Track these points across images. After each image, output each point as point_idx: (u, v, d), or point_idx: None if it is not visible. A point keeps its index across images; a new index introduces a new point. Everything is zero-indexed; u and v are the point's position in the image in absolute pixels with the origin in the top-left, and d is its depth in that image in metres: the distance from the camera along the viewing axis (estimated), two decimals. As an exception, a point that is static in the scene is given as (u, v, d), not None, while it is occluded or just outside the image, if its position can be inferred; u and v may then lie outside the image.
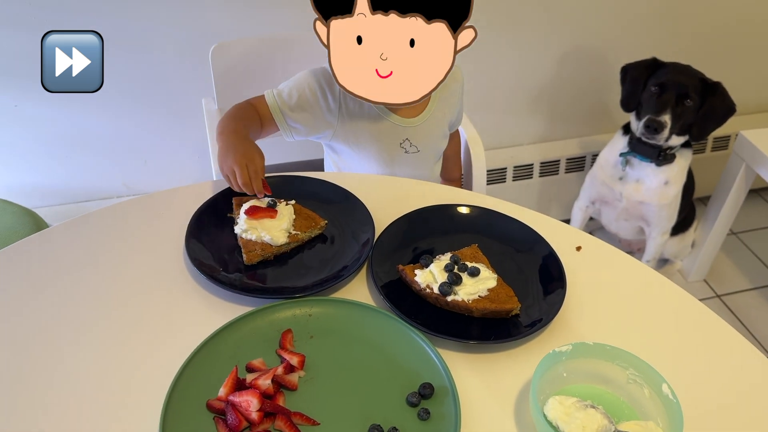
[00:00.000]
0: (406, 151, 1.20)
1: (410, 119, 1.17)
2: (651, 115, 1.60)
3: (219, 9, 1.53)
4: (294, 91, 1.12)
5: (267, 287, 0.92)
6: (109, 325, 0.86)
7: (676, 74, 1.62)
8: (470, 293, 0.89)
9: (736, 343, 0.87)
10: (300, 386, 0.79)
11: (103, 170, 1.75)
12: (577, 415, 0.74)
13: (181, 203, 1.04)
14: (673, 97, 1.60)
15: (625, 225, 1.88)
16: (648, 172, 1.72)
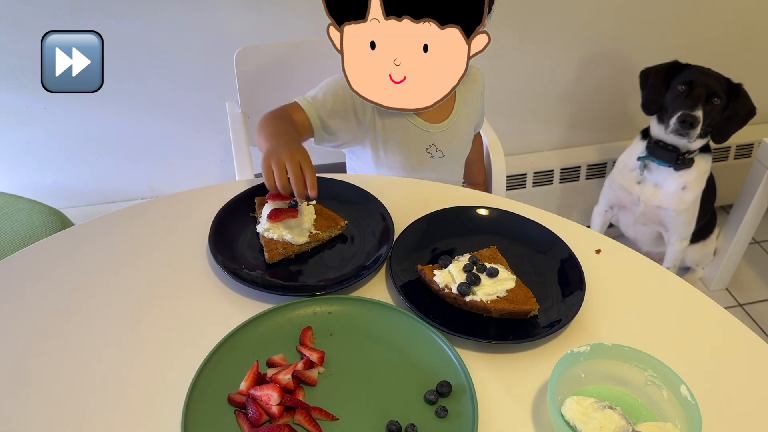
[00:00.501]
0: (432, 156, 1.21)
1: (437, 124, 1.18)
2: (685, 110, 1.58)
3: (244, 14, 1.56)
4: (329, 97, 1.12)
5: (288, 285, 0.93)
6: (132, 321, 0.88)
7: (702, 74, 1.62)
8: (489, 294, 0.89)
9: (757, 347, 0.87)
10: (319, 382, 0.80)
11: (128, 172, 1.79)
12: (594, 416, 0.74)
13: (204, 203, 1.06)
14: (703, 94, 1.58)
15: (643, 230, 1.87)
16: (666, 177, 1.72)
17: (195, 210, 1.06)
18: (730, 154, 2.14)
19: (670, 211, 1.74)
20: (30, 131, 1.64)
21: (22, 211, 1.34)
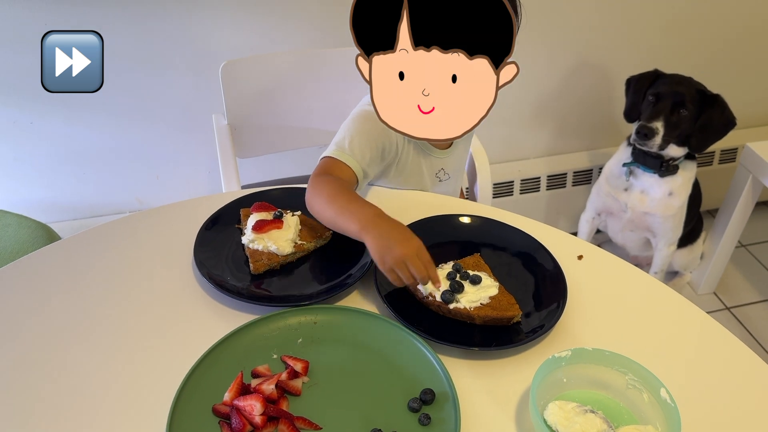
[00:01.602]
0: (440, 180, 1.22)
1: (446, 150, 1.20)
2: (643, 122, 1.64)
3: (230, 26, 1.57)
4: (364, 145, 1.08)
5: (273, 295, 0.94)
6: (118, 333, 0.89)
7: (673, 84, 1.64)
8: (472, 301, 0.90)
9: (737, 350, 0.88)
10: (303, 391, 0.80)
11: (116, 185, 1.79)
12: (576, 420, 0.75)
13: (190, 215, 1.06)
14: (668, 106, 1.62)
15: (631, 236, 1.89)
16: (652, 183, 1.74)
17: (181, 222, 1.06)
18: (714, 159, 2.17)
19: (657, 217, 1.76)
20: (17, 146, 1.64)
21: (10, 226, 1.34)
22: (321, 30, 1.61)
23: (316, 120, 1.47)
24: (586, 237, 1.95)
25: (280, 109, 1.43)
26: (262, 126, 1.44)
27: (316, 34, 1.62)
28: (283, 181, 1.50)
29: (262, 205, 1.03)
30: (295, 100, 1.42)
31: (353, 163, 1.05)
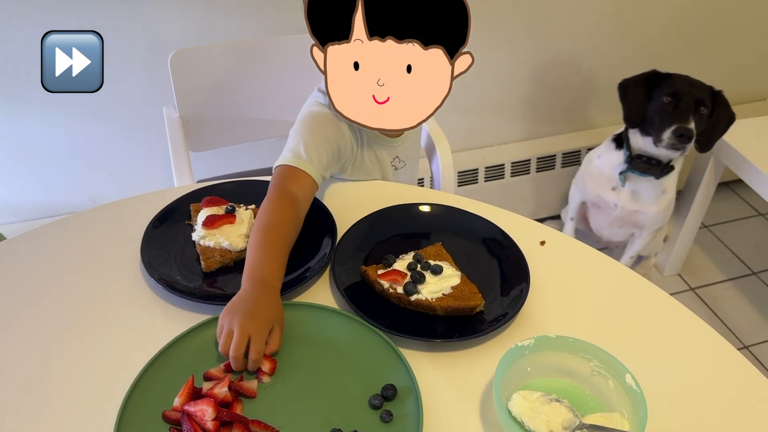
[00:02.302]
0: (396, 168, 1.20)
1: (398, 138, 1.18)
2: (679, 123, 1.53)
3: (179, 15, 1.51)
4: (321, 150, 1.02)
5: (228, 294, 0.89)
6: (61, 337, 0.84)
7: (686, 83, 1.58)
8: (434, 291, 0.87)
9: (702, 331, 0.87)
10: (259, 393, 0.77)
11: (68, 185, 1.72)
12: (541, 410, 0.73)
13: (140, 211, 1.02)
14: (691, 104, 1.54)
15: (618, 232, 1.86)
16: (646, 185, 1.69)
17: (130, 219, 1.01)
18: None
19: (649, 213, 1.73)
20: (-40, 146, 1.57)
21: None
22: (274, 17, 1.56)
23: (272, 111, 1.42)
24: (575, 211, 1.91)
25: (234, 100, 1.38)
26: (215, 118, 1.39)
27: (269, 22, 1.57)
28: (241, 174, 1.46)
29: (213, 200, 0.98)
30: (248, 91, 1.37)
31: (312, 170, 0.99)
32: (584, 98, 2.04)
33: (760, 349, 1.84)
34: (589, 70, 1.97)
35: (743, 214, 2.31)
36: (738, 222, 2.28)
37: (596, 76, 1.98)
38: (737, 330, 1.89)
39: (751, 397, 0.79)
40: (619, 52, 1.89)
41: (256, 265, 0.87)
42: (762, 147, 1.74)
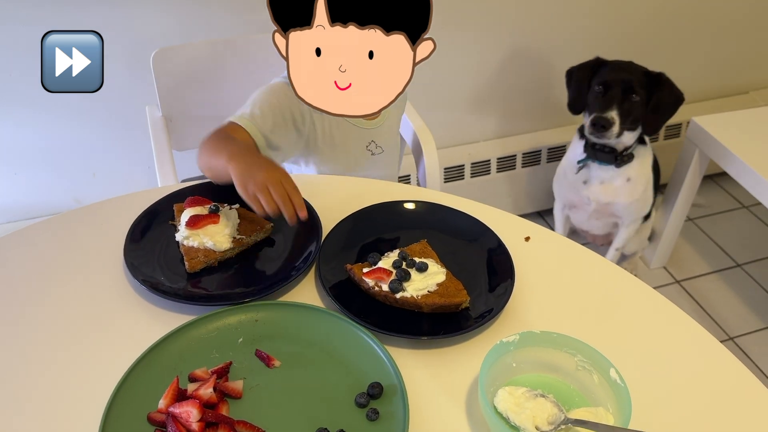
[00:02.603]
0: (373, 154, 1.20)
1: (373, 121, 1.18)
2: (597, 113, 1.59)
3: (161, 13, 1.50)
4: (267, 112, 1.08)
5: (212, 294, 0.89)
6: (45, 339, 0.84)
7: (618, 71, 1.61)
8: (419, 289, 0.87)
9: (686, 325, 0.87)
10: (245, 393, 0.76)
11: (51, 185, 1.71)
12: (527, 405, 0.73)
13: (124, 212, 1.01)
14: (618, 94, 1.58)
15: (597, 224, 1.88)
16: (610, 174, 1.71)
17: (113, 220, 1.00)
18: (660, 135, 2.19)
19: (620, 204, 1.75)
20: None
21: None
22: (255, 15, 1.55)
23: (256, 108, 1.41)
24: (562, 227, 1.94)
25: (217, 97, 1.37)
26: (199, 116, 1.38)
27: (250, 19, 1.56)
28: (226, 173, 1.45)
29: (196, 200, 0.98)
30: (231, 88, 1.36)
31: (252, 127, 1.06)
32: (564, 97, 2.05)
33: (745, 340, 1.86)
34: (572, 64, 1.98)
35: (728, 207, 2.33)
36: (723, 214, 2.30)
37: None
38: (722, 322, 1.91)
39: (734, 390, 0.80)
40: (601, 45, 1.89)
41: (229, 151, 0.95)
42: (746, 139, 1.75)
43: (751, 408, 0.78)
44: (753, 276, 2.06)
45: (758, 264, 2.10)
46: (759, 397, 0.79)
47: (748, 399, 0.79)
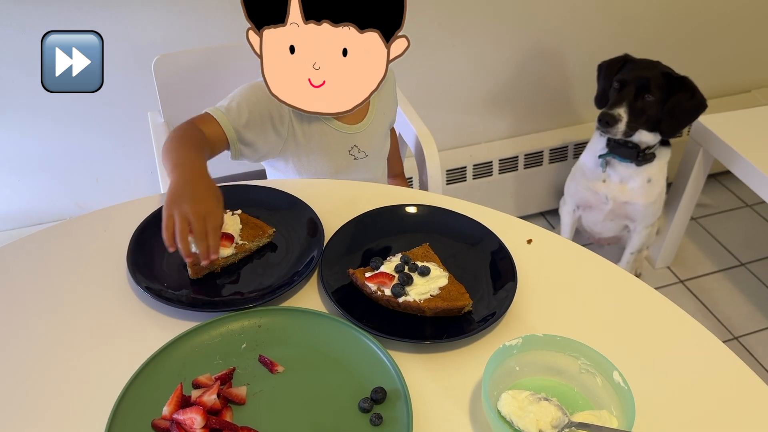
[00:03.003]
0: (355, 158, 1.19)
1: (356, 125, 1.17)
2: (605, 109, 1.61)
3: (162, 20, 1.51)
4: (244, 107, 1.07)
5: (215, 300, 0.89)
6: (50, 346, 0.84)
7: (639, 69, 1.62)
8: (421, 293, 0.87)
9: (689, 327, 0.87)
10: (248, 399, 0.77)
11: (54, 192, 1.71)
12: (530, 409, 0.73)
13: (127, 218, 1.01)
14: (632, 92, 1.59)
15: (611, 225, 1.88)
16: (630, 172, 1.72)
17: (116, 227, 1.01)
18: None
19: (639, 205, 1.75)
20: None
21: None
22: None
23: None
24: (569, 229, 1.94)
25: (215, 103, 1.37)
26: (200, 122, 1.38)
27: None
28: (229, 177, 1.45)
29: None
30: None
31: (224, 120, 1.05)
32: (569, 93, 2.05)
33: (750, 339, 1.85)
34: (574, 65, 1.98)
35: (731, 206, 2.32)
36: (726, 213, 2.29)
37: (581, 71, 1.99)
38: (727, 321, 1.90)
39: (738, 392, 0.80)
40: (604, 44, 1.89)
41: (177, 158, 0.93)
42: (750, 138, 1.74)
43: (756, 409, 0.78)
44: (757, 275, 2.05)
45: (763, 263, 2.10)
46: (763, 398, 0.78)
47: (752, 400, 0.79)
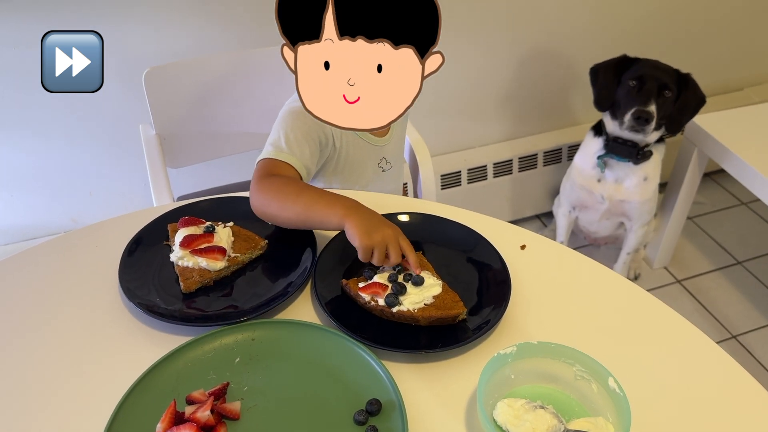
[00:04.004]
0: (383, 170, 1.21)
1: (384, 137, 1.19)
2: (639, 107, 1.58)
3: (152, 31, 1.50)
4: (302, 141, 1.06)
5: (209, 314, 0.89)
6: (43, 363, 0.83)
7: (652, 67, 1.62)
8: (415, 302, 0.87)
9: (683, 328, 0.87)
10: (243, 414, 0.76)
11: (48, 206, 1.71)
12: (526, 417, 0.73)
13: (120, 232, 1.00)
14: (654, 88, 1.59)
15: (607, 224, 1.88)
16: (627, 171, 1.72)
17: (109, 242, 1.00)
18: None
19: (634, 203, 1.75)
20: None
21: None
22: (248, 30, 1.56)
23: (249, 124, 1.42)
24: (565, 231, 1.94)
25: (211, 114, 1.37)
26: (192, 134, 1.38)
27: (241, 35, 1.56)
28: (222, 189, 1.45)
29: (190, 220, 0.98)
30: (225, 105, 1.36)
31: (294, 161, 1.04)
32: (562, 96, 2.05)
33: (748, 337, 1.85)
34: (566, 66, 1.98)
35: (726, 204, 2.32)
36: (722, 212, 2.29)
37: (573, 73, 1.99)
38: (725, 320, 1.90)
39: (735, 396, 0.79)
40: (596, 45, 1.89)
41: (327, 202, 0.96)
42: (743, 137, 1.75)
43: (752, 410, 0.77)
44: (754, 273, 2.05)
45: (759, 261, 2.10)
46: (759, 398, 0.78)
47: (749, 403, 0.78)
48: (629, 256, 1.93)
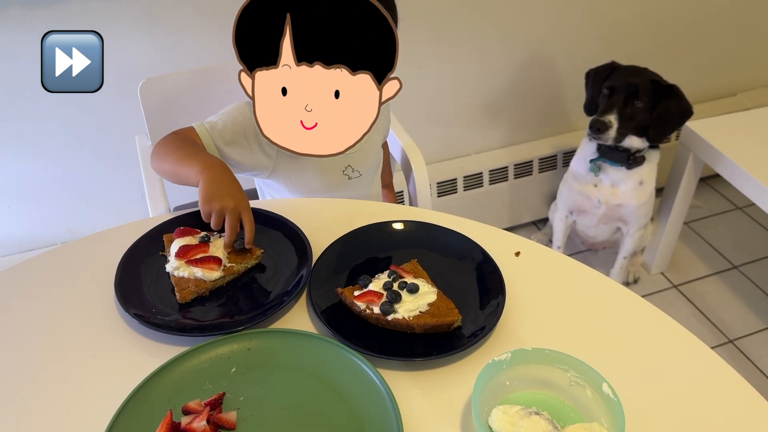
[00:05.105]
0: (350, 178, 1.20)
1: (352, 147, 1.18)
2: (596, 116, 1.64)
3: (149, 44, 1.51)
4: (228, 126, 1.11)
5: (204, 324, 0.89)
6: (39, 375, 0.83)
7: (627, 76, 1.65)
8: (410, 310, 0.87)
9: (677, 334, 0.87)
10: (239, 424, 0.76)
11: (45, 217, 1.71)
12: (521, 424, 0.73)
13: (115, 243, 1.00)
14: (621, 99, 1.63)
15: (604, 228, 1.90)
16: (621, 176, 1.75)
17: (105, 253, 1.00)
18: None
19: (631, 207, 1.78)
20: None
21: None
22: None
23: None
24: (562, 235, 1.95)
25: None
26: (188, 144, 1.38)
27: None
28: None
29: (186, 230, 0.98)
30: (219, 115, 1.37)
31: (206, 137, 1.09)
32: (557, 102, 2.06)
33: (745, 342, 1.86)
34: (561, 74, 1.99)
35: (722, 209, 2.33)
36: (717, 217, 2.30)
37: (568, 80, 2.00)
38: (722, 324, 1.90)
39: (730, 400, 0.80)
40: (590, 52, 1.90)
41: (194, 157, 1.00)
42: (737, 141, 1.76)
43: (747, 416, 0.78)
44: (750, 277, 2.06)
45: (755, 265, 2.10)
46: (755, 404, 0.78)
47: (743, 407, 0.79)
48: (626, 260, 1.95)
